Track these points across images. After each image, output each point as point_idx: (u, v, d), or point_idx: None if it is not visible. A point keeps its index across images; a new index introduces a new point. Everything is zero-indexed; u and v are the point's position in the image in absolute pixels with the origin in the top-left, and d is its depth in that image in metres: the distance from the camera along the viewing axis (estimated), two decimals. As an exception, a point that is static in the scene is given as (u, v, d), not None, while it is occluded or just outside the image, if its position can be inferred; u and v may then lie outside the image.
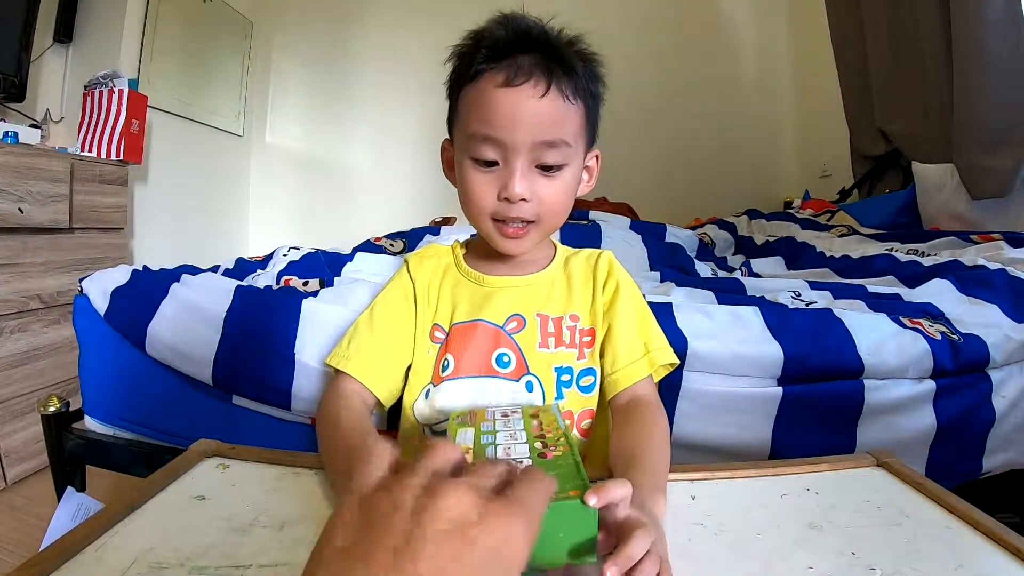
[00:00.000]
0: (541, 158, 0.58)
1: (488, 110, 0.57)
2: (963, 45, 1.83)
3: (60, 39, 2.13)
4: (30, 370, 1.65)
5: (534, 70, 0.56)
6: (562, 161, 0.59)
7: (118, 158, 2.01)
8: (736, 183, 3.15)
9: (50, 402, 0.94)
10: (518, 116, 0.56)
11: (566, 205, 0.63)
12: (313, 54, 3.37)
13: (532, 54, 0.57)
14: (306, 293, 0.94)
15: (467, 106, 0.60)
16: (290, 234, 3.22)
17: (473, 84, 0.59)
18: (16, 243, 1.61)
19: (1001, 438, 0.86)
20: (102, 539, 0.39)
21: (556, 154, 0.58)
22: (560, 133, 0.58)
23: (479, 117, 0.58)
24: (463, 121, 0.60)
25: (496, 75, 0.57)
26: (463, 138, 0.60)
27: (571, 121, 0.59)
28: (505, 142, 0.57)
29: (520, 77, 0.56)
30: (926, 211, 2.03)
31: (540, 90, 0.56)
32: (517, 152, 0.57)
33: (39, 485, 1.58)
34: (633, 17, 3.15)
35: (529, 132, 0.56)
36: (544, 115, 0.57)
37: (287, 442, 0.85)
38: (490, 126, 0.57)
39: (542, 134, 0.57)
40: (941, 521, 0.43)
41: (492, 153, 0.58)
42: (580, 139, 0.61)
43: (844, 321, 0.85)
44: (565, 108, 0.58)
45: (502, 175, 0.58)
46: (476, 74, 0.58)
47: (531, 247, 0.63)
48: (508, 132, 0.56)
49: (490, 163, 0.58)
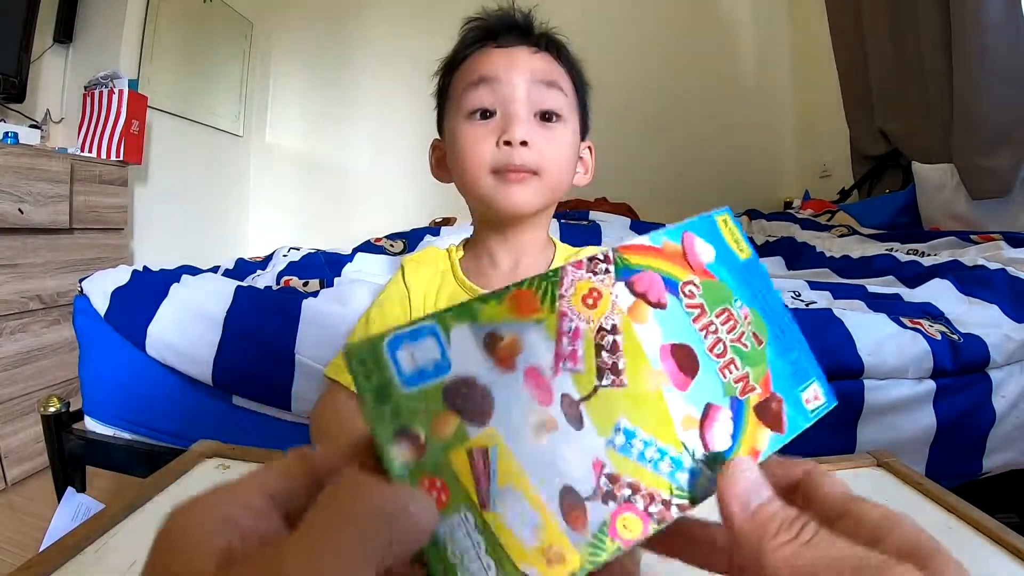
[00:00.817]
0: (540, 102, 0.57)
1: (481, 62, 0.58)
2: (963, 45, 1.83)
3: (60, 39, 2.13)
4: (30, 370, 1.65)
5: (524, 40, 0.59)
6: (560, 109, 0.58)
7: (118, 158, 2.01)
8: (736, 183, 3.15)
9: (50, 402, 0.94)
10: (513, 61, 0.57)
11: (568, 163, 0.60)
12: (313, 54, 3.37)
13: (522, 33, 0.59)
14: (306, 293, 0.94)
15: (457, 80, 0.60)
16: (290, 234, 3.22)
17: (463, 64, 0.60)
18: (16, 243, 1.61)
19: (1001, 438, 0.86)
20: (102, 539, 0.39)
21: (555, 97, 0.57)
22: (556, 77, 0.58)
23: (470, 74, 0.58)
24: (454, 92, 0.60)
25: (487, 45, 0.59)
26: (455, 103, 0.59)
27: (564, 80, 0.59)
28: (502, 80, 0.56)
29: (511, 42, 0.58)
30: (926, 211, 2.03)
31: (532, 50, 0.58)
32: (514, 93, 0.56)
33: (39, 485, 1.58)
34: (633, 17, 3.15)
35: (525, 72, 0.56)
36: (539, 63, 0.58)
37: (287, 442, 0.85)
38: (485, 69, 0.57)
39: (537, 75, 0.57)
40: (941, 521, 0.43)
41: (489, 98, 0.56)
42: (573, 105, 0.61)
43: (844, 321, 0.85)
44: (557, 66, 0.59)
45: (500, 123, 0.57)
46: (466, 56, 0.59)
47: (534, 202, 0.58)
48: (504, 71, 0.56)
49: (486, 114, 0.57)
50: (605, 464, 0.20)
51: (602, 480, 0.19)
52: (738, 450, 0.21)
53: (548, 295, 0.20)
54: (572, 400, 0.20)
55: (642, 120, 3.13)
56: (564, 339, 0.20)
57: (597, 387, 0.20)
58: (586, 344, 0.20)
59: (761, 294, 0.24)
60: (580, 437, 0.20)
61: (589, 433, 0.20)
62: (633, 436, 0.20)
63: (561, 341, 0.20)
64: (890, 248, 1.56)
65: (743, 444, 0.21)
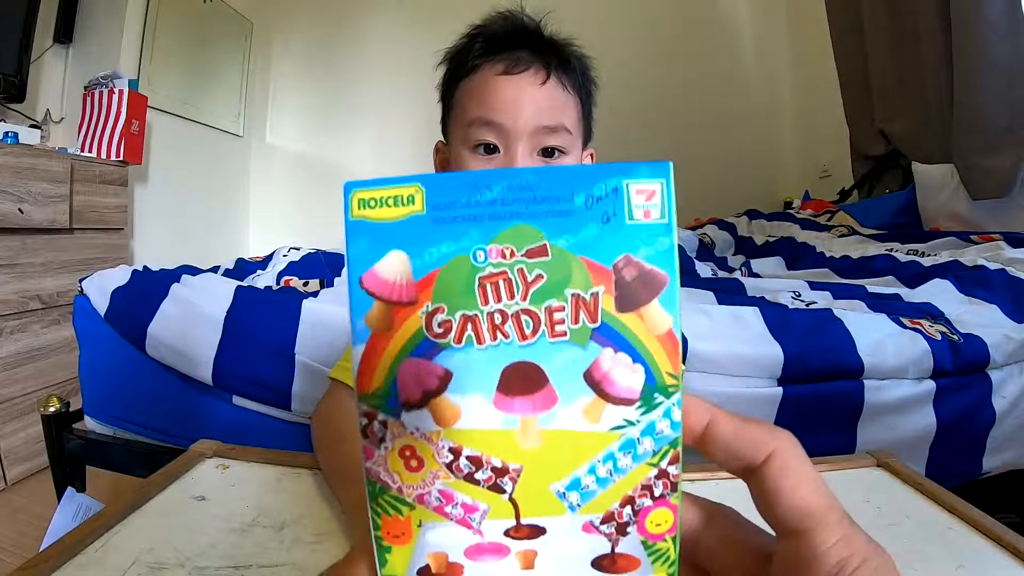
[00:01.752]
0: (542, 143, 0.57)
1: (489, 96, 0.57)
2: (963, 45, 1.83)
3: (60, 39, 2.13)
4: (30, 370, 1.65)
5: (533, 61, 0.57)
6: (563, 146, 0.58)
7: (118, 158, 2.01)
8: (736, 183, 3.15)
9: (50, 402, 0.94)
10: (520, 101, 0.56)
11: None
12: (313, 55, 3.37)
13: (529, 48, 0.57)
14: (306, 293, 0.94)
15: (466, 97, 0.59)
16: (290, 234, 3.21)
17: (471, 77, 0.58)
18: (16, 243, 1.61)
19: (1001, 438, 0.86)
20: (102, 539, 0.39)
21: (556, 139, 0.57)
22: (561, 119, 0.57)
23: (479, 104, 0.57)
24: (461, 112, 0.59)
25: (495, 65, 0.57)
26: (461, 129, 0.59)
27: (570, 110, 0.59)
28: (507, 126, 0.56)
29: (520, 66, 0.56)
30: (926, 211, 2.03)
31: (540, 78, 0.57)
32: (518, 137, 0.56)
33: (39, 485, 1.58)
34: (633, 17, 3.15)
35: (531, 117, 0.56)
36: (545, 101, 0.57)
37: (287, 442, 0.85)
38: (492, 111, 0.56)
39: (543, 119, 0.56)
40: (941, 521, 0.43)
41: (492, 137, 0.57)
42: (578, 131, 0.61)
43: (844, 321, 0.85)
44: (564, 97, 0.58)
45: (502, 162, 0.57)
46: (474, 67, 0.58)
47: None
48: (510, 116, 0.56)
49: (490, 149, 0.57)
50: (591, 521, 0.18)
51: (603, 528, 0.18)
52: (654, 372, 0.17)
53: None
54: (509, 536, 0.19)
55: (642, 120, 3.13)
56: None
57: (511, 500, 0.18)
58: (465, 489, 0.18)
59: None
60: (550, 539, 0.18)
61: (555, 525, 0.18)
62: (577, 481, 0.18)
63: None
64: (890, 248, 1.56)
65: (644, 348, 0.17)
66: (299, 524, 0.42)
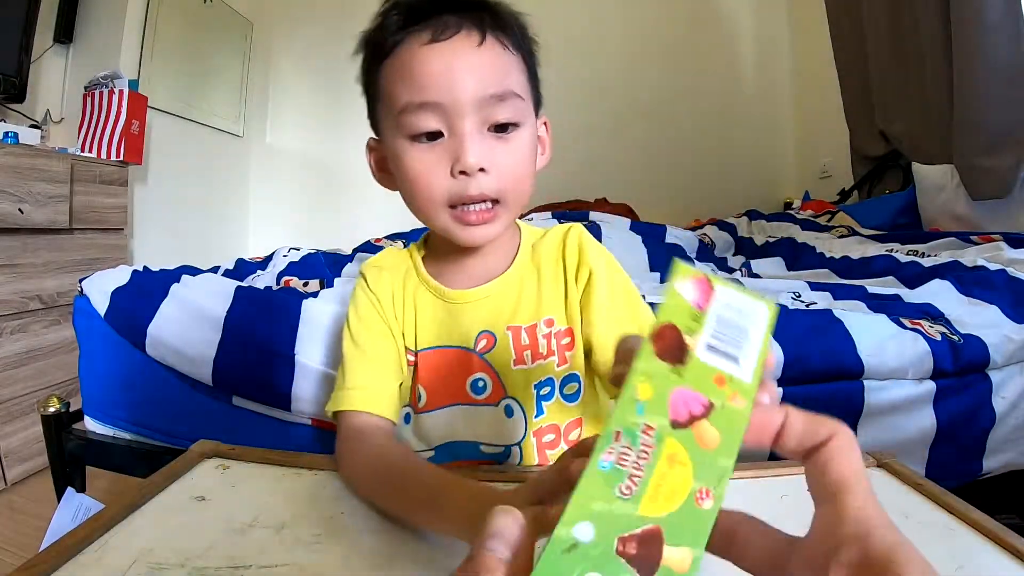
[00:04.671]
0: (492, 116, 0.49)
1: (417, 72, 0.48)
2: (963, 45, 1.83)
3: (60, 39, 2.13)
4: (30, 370, 1.65)
5: (463, 22, 0.48)
6: (516, 118, 0.50)
7: (118, 159, 2.01)
8: (736, 184, 3.15)
9: (50, 403, 0.94)
10: (455, 70, 0.47)
11: (529, 175, 0.53)
12: (313, 55, 3.37)
13: (454, 11, 0.49)
14: (306, 294, 0.94)
15: (391, 81, 0.50)
16: (290, 235, 3.21)
17: (393, 56, 0.50)
18: (16, 243, 1.61)
19: (1001, 439, 0.86)
20: (102, 539, 0.39)
21: (508, 108, 0.49)
22: (507, 83, 0.49)
23: (408, 85, 0.48)
24: (389, 100, 0.50)
25: (419, 35, 0.48)
26: (392, 118, 0.50)
27: (516, 72, 0.51)
28: (445, 103, 0.47)
29: (448, 30, 0.48)
30: (926, 212, 2.03)
31: (475, 40, 0.48)
32: (462, 112, 0.47)
33: (39, 485, 1.58)
34: (634, 17, 3.15)
35: (472, 86, 0.47)
36: (486, 65, 0.48)
37: (287, 443, 0.85)
38: (424, 90, 0.47)
39: (487, 87, 0.48)
40: (941, 522, 0.43)
41: (433, 121, 0.48)
42: (529, 96, 0.52)
43: (844, 322, 0.85)
44: (507, 57, 0.50)
45: (449, 146, 0.48)
46: (395, 44, 0.49)
47: (498, 232, 0.53)
48: (447, 91, 0.47)
49: (432, 135, 0.49)
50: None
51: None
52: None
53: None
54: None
55: (642, 120, 3.13)
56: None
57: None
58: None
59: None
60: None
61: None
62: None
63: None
64: (890, 249, 1.56)
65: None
66: (299, 524, 0.42)
